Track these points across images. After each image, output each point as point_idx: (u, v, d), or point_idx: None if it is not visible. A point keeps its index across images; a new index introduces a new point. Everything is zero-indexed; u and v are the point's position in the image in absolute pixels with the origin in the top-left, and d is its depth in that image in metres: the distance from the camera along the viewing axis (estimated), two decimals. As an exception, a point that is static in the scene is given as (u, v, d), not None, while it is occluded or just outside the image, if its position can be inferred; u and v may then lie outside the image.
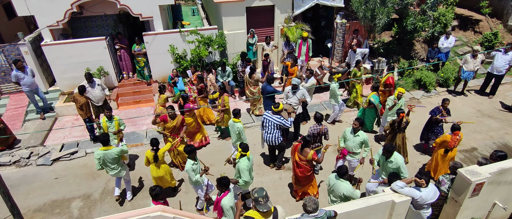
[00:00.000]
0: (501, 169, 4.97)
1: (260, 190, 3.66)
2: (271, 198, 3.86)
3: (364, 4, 9.82)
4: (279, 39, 10.78)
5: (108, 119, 6.86)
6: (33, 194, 6.81)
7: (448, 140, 6.12)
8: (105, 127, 6.87)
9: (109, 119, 6.86)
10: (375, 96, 7.87)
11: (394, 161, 5.32)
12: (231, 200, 4.72)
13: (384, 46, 11.25)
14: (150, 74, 10.38)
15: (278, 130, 6.66)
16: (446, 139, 6.15)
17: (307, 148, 5.73)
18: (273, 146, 6.94)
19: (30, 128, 8.80)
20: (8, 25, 12.51)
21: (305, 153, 5.73)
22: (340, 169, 5.08)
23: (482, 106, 9.63)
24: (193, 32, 9.77)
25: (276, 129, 6.64)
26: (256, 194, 3.65)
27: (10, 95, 9.78)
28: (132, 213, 3.91)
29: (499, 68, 9.42)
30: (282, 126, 6.60)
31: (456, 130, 6.06)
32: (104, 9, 9.84)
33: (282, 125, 6.57)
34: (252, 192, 3.71)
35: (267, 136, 6.74)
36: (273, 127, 6.62)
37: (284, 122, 6.55)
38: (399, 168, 5.29)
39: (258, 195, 3.63)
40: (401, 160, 5.34)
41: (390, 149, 5.34)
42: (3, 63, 9.41)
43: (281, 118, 6.56)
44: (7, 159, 7.67)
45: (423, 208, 4.71)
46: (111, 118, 6.87)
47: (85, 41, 9.36)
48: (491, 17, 12.82)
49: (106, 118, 6.86)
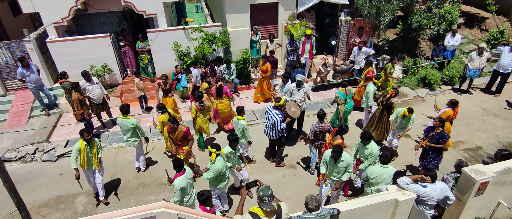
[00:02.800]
0: (506, 168, 4.92)
1: (265, 189, 3.65)
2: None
3: (369, 2, 9.75)
4: (283, 37, 10.75)
5: (87, 143, 5.85)
6: (38, 189, 6.87)
7: (452, 114, 6.79)
8: (84, 150, 5.82)
9: (88, 143, 5.86)
10: (341, 92, 7.68)
11: (345, 160, 5.35)
12: (183, 181, 4.97)
13: (388, 44, 11.17)
14: (154, 71, 10.40)
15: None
16: (450, 113, 6.78)
17: (339, 135, 5.97)
18: (272, 140, 6.95)
19: (35, 124, 8.87)
20: (13, 22, 12.58)
21: (335, 139, 5.97)
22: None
23: (487, 104, 9.55)
24: (197, 29, 9.77)
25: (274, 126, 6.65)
26: (261, 192, 3.64)
27: (15, 91, 9.86)
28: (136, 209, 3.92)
29: (505, 66, 9.32)
30: (276, 124, 6.54)
31: (456, 105, 6.81)
32: (108, 6, 9.87)
33: (277, 123, 6.53)
34: (258, 189, 3.70)
35: (267, 129, 6.77)
36: (272, 124, 6.64)
37: (280, 122, 6.51)
38: (347, 168, 5.40)
39: (263, 193, 3.62)
40: (350, 159, 5.42)
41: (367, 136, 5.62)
42: (9, 59, 9.48)
43: (280, 116, 6.54)
44: (12, 154, 7.75)
45: (429, 206, 4.66)
46: (89, 142, 5.87)
47: (89, 38, 9.41)
48: (497, 14, 12.67)
49: (84, 142, 5.82)
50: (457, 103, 6.84)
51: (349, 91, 7.81)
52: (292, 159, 7.57)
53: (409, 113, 6.58)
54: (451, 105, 6.87)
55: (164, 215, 3.82)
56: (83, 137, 5.78)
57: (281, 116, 6.55)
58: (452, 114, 6.86)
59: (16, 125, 8.76)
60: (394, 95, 7.25)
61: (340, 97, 7.77)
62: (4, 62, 9.48)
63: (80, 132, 5.81)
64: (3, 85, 9.74)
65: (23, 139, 8.26)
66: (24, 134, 8.38)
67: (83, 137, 5.78)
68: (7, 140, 8.26)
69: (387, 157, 5.28)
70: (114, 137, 8.42)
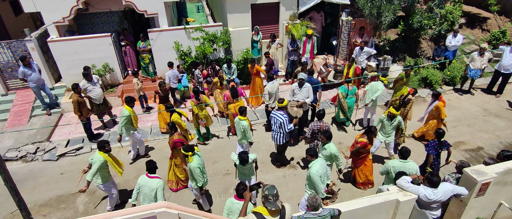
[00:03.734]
0: (508, 169, 4.91)
1: (271, 188, 3.68)
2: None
3: (370, 2, 9.74)
4: (284, 37, 10.74)
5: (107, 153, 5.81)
6: (39, 189, 6.88)
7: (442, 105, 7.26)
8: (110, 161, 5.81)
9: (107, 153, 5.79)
10: (343, 86, 8.14)
11: (328, 149, 5.71)
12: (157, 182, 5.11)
13: (390, 44, 11.16)
14: (155, 70, 10.41)
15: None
16: (440, 105, 7.25)
17: (366, 135, 6.07)
18: (279, 145, 6.90)
19: (36, 123, 8.89)
20: (14, 21, 12.59)
21: (360, 136, 6.11)
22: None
23: (488, 105, 9.53)
24: (198, 29, 9.77)
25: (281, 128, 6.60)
26: (266, 191, 3.66)
27: (16, 90, 9.87)
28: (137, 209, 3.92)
29: (506, 66, 9.29)
30: (282, 124, 6.48)
31: (439, 95, 7.27)
32: (109, 5, 9.88)
33: (283, 124, 6.47)
34: (263, 188, 3.71)
35: (274, 135, 6.72)
36: (279, 126, 6.59)
37: (286, 122, 6.46)
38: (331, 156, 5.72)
39: (268, 192, 3.64)
40: (334, 149, 5.65)
41: (327, 135, 5.76)
42: (10, 59, 9.50)
43: (285, 116, 6.50)
44: (14, 154, 7.76)
45: (431, 209, 4.62)
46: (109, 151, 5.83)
47: (90, 37, 9.41)
48: (499, 14, 12.64)
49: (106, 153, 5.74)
50: (439, 94, 7.32)
51: (352, 87, 8.06)
52: (293, 159, 7.56)
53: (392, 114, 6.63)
54: (434, 97, 7.35)
55: (165, 215, 3.82)
56: (105, 149, 5.62)
57: (286, 116, 6.51)
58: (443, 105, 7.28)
59: (17, 125, 8.78)
60: (413, 93, 7.50)
61: (341, 91, 7.91)
62: (5, 61, 9.50)
63: (99, 145, 5.59)
64: (4, 84, 9.76)
65: (24, 138, 8.28)
66: (25, 133, 8.39)
67: (104, 149, 5.62)
68: (8, 139, 8.28)
69: (407, 152, 5.31)
70: (115, 137, 8.40)
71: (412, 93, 7.51)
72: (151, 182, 5.11)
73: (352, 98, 8.13)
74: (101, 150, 5.63)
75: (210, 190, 6.63)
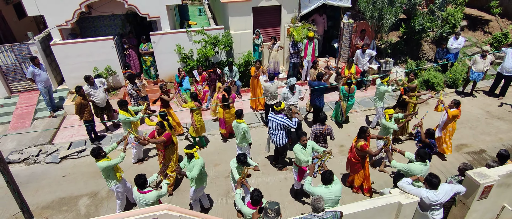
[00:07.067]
0: (511, 172, 4.89)
1: (273, 203, 3.70)
2: (276, 199, 3.86)
3: (372, 4, 9.75)
4: (285, 39, 10.77)
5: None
6: (41, 191, 6.90)
7: (458, 114, 7.05)
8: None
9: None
10: (343, 88, 8.22)
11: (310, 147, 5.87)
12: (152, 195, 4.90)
13: (391, 47, 11.15)
14: (157, 73, 10.45)
15: (283, 131, 6.63)
16: (457, 113, 7.03)
17: (362, 138, 5.94)
18: (278, 147, 6.92)
19: (39, 126, 8.93)
20: (18, 24, 12.69)
21: (356, 141, 6.02)
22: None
23: (491, 107, 9.49)
24: (199, 32, 9.81)
25: (280, 130, 6.61)
26: (268, 204, 3.69)
27: (20, 93, 9.92)
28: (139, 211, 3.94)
29: (508, 69, 9.26)
30: (286, 126, 6.54)
31: (459, 104, 7.03)
32: (112, 9, 9.94)
33: (286, 125, 6.52)
34: (266, 202, 3.75)
35: (273, 137, 6.73)
36: (277, 128, 6.60)
37: (288, 122, 6.50)
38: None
39: (269, 206, 3.67)
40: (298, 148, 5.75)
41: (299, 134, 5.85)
42: (13, 62, 9.56)
43: (285, 118, 6.53)
44: (16, 156, 7.79)
45: (433, 210, 4.61)
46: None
47: (93, 40, 9.47)
48: (501, 17, 12.62)
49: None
50: (459, 103, 7.13)
51: (353, 89, 8.12)
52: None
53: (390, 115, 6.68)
54: (455, 106, 7.07)
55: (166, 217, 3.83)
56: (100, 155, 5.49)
57: (286, 118, 6.55)
58: (458, 114, 7.06)
59: (20, 127, 8.82)
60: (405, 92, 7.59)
61: (341, 94, 8.12)
62: (8, 64, 9.56)
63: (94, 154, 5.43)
64: (8, 87, 9.81)
65: (27, 141, 8.31)
66: (28, 136, 8.43)
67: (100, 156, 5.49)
68: (11, 142, 8.32)
69: (426, 153, 5.21)
70: (117, 140, 8.41)
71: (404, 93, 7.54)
72: (145, 197, 4.88)
73: (352, 99, 8.23)
74: (98, 158, 5.46)
75: (211, 193, 6.62)
